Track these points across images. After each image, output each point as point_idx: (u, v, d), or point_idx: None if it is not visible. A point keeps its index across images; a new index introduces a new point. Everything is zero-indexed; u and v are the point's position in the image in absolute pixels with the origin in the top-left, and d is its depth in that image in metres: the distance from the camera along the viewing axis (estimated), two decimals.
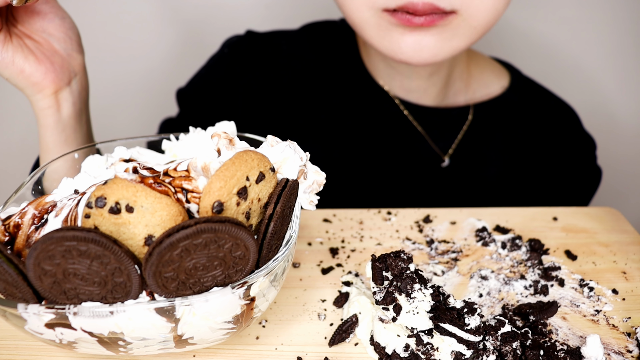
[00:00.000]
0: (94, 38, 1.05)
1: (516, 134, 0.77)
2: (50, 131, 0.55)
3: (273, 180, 0.38)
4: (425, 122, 0.75)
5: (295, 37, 0.80)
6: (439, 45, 0.60)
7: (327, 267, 0.53)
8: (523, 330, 0.44)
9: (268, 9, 1.08)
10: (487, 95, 0.77)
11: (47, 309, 0.33)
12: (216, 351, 0.44)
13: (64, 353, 0.44)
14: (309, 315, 0.48)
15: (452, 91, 0.76)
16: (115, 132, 1.11)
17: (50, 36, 0.53)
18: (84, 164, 0.45)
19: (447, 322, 0.41)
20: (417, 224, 0.60)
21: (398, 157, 0.75)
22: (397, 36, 0.60)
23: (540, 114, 0.78)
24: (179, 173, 0.37)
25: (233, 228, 0.33)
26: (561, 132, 0.78)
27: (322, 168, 0.45)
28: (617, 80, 1.12)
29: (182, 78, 0.88)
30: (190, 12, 1.09)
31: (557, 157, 0.78)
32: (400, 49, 0.61)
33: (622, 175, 1.14)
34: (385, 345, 0.42)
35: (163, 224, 0.34)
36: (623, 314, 0.48)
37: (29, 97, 0.54)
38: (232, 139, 0.41)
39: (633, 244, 0.57)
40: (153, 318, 0.35)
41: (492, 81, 0.78)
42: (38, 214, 0.39)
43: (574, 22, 1.07)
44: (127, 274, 0.33)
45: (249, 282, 0.36)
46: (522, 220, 0.61)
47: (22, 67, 0.51)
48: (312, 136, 0.75)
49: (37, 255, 0.32)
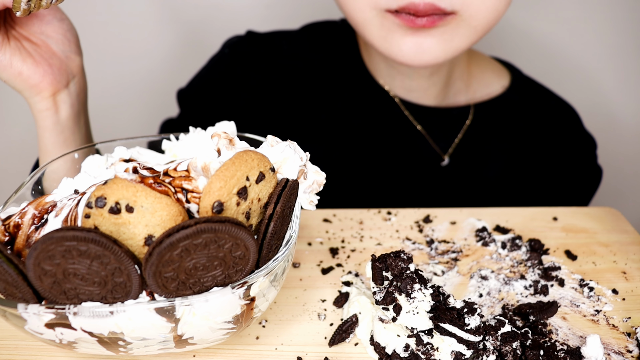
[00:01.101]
0: (95, 38, 1.06)
1: (516, 134, 0.77)
2: (49, 133, 0.55)
3: (273, 180, 0.38)
4: (426, 121, 0.75)
5: (296, 37, 0.80)
6: (440, 47, 0.60)
7: (327, 267, 0.53)
8: (523, 330, 0.44)
9: (268, 9, 1.08)
10: (487, 95, 0.77)
11: (47, 309, 0.33)
12: (216, 351, 0.44)
13: (64, 353, 0.44)
14: (309, 315, 0.48)
15: (452, 91, 0.76)
16: (116, 132, 1.11)
17: (48, 38, 0.53)
18: (84, 164, 0.45)
19: (447, 322, 0.41)
20: (417, 224, 0.60)
21: (398, 156, 0.75)
22: (398, 38, 0.60)
23: (540, 113, 0.78)
24: (179, 173, 0.37)
25: (233, 228, 0.33)
26: (562, 132, 0.78)
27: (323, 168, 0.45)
28: (617, 80, 1.12)
29: (182, 78, 0.88)
30: (191, 13, 1.09)
31: (558, 157, 0.78)
32: (401, 51, 0.61)
33: (622, 175, 1.14)
34: (385, 345, 0.42)
35: (163, 224, 0.34)
36: (623, 314, 0.48)
37: (27, 99, 0.53)
38: (232, 139, 0.41)
39: (633, 244, 0.57)
40: (153, 318, 0.35)
41: (493, 81, 0.78)
42: (38, 214, 0.39)
43: (574, 22, 1.07)
44: (127, 274, 0.33)
45: (249, 282, 0.36)
46: (522, 220, 0.61)
47: (20, 70, 0.51)
48: (313, 136, 0.75)
49: (37, 255, 0.32)
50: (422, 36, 0.59)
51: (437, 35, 0.59)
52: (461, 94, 0.77)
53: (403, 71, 0.72)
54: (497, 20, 0.61)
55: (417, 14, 0.57)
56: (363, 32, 0.63)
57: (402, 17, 0.58)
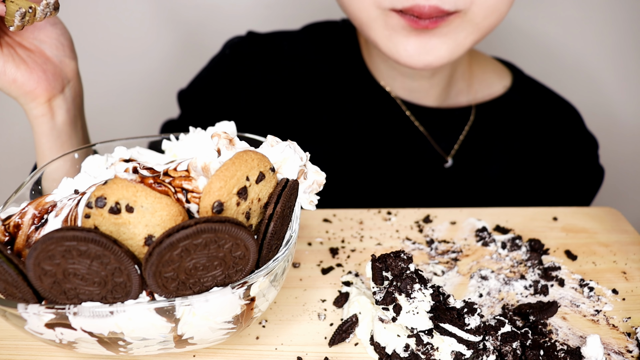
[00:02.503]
0: (96, 39, 1.06)
1: (518, 134, 0.77)
2: (46, 138, 0.55)
3: (273, 180, 0.38)
4: (427, 122, 0.75)
5: (297, 37, 0.80)
6: (444, 47, 0.60)
7: (327, 267, 0.53)
8: (523, 330, 0.44)
9: (268, 9, 1.08)
10: (489, 95, 0.77)
11: (47, 309, 0.33)
12: (216, 351, 0.44)
13: (64, 353, 0.44)
14: (309, 315, 0.48)
15: (454, 91, 0.76)
16: (116, 132, 1.11)
17: (42, 43, 0.53)
18: (84, 164, 0.45)
19: (447, 322, 0.41)
20: (417, 224, 0.60)
21: (401, 158, 0.75)
22: (402, 38, 0.60)
23: (542, 113, 0.78)
24: (179, 173, 0.37)
25: (233, 228, 0.33)
26: (563, 132, 0.78)
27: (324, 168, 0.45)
28: (617, 80, 1.12)
29: (182, 79, 0.88)
30: (191, 13, 1.09)
31: (560, 157, 0.78)
32: (406, 51, 0.60)
33: (622, 175, 1.14)
34: (385, 345, 0.42)
35: (163, 224, 0.34)
36: (623, 314, 0.48)
37: (22, 105, 0.53)
38: (232, 139, 0.41)
39: (633, 244, 0.57)
40: (153, 318, 0.35)
41: (494, 81, 0.78)
42: (38, 214, 0.39)
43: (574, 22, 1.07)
44: (127, 274, 0.33)
45: (249, 282, 0.36)
46: (522, 220, 0.61)
47: (14, 77, 0.50)
48: (314, 136, 0.75)
49: (37, 255, 0.32)
50: (427, 37, 0.59)
51: (441, 36, 0.59)
52: (463, 94, 0.77)
53: (404, 72, 0.72)
54: (500, 20, 0.61)
55: (422, 16, 0.57)
56: (367, 31, 0.63)
57: (406, 17, 0.58)
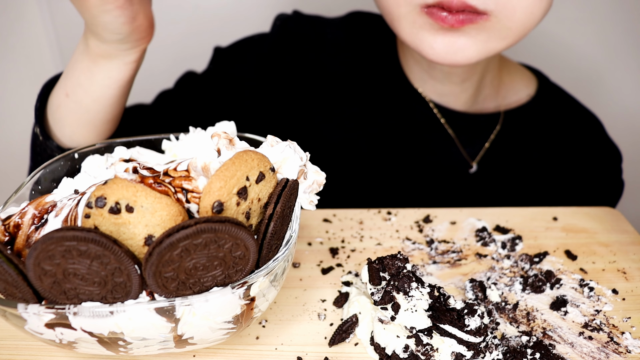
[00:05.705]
0: None
1: (542, 142, 0.76)
2: (123, 88, 0.56)
3: (273, 180, 0.38)
4: (457, 126, 0.74)
5: (340, 25, 0.79)
6: (474, 47, 0.59)
7: (327, 267, 0.53)
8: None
9: (269, 9, 1.08)
10: (515, 102, 0.77)
11: (47, 309, 0.33)
12: (216, 351, 0.44)
13: (64, 353, 0.44)
14: (309, 315, 0.48)
15: (481, 96, 0.75)
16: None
17: None
18: (84, 164, 0.45)
19: (447, 323, 0.41)
20: (417, 224, 0.60)
21: (426, 159, 0.75)
22: (429, 36, 0.59)
23: (566, 122, 0.77)
24: (179, 173, 0.37)
25: (233, 228, 0.33)
26: (587, 142, 0.77)
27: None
28: (617, 79, 1.12)
29: None
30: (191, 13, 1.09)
31: (583, 167, 0.77)
32: (432, 49, 0.60)
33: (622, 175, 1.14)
34: (385, 346, 0.42)
35: (163, 224, 0.34)
36: (623, 314, 0.48)
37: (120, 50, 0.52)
38: (232, 139, 0.41)
39: (633, 244, 0.57)
40: (153, 318, 0.35)
41: (521, 88, 0.77)
42: (38, 214, 0.39)
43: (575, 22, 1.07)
44: (127, 274, 0.33)
45: (249, 282, 0.36)
46: (522, 220, 0.61)
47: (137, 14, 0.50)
48: (343, 127, 0.75)
49: (37, 255, 0.32)
50: (455, 36, 0.58)
51: (471, 36, 0.58)
52: (490, 99, 0.76)
53: (435, 76, 0.71)
54: (534, 23, 0.58)
55: (450, 10, 0.56)
56: (397, 27, 0.62)
57: (434, 15, 0.57)
